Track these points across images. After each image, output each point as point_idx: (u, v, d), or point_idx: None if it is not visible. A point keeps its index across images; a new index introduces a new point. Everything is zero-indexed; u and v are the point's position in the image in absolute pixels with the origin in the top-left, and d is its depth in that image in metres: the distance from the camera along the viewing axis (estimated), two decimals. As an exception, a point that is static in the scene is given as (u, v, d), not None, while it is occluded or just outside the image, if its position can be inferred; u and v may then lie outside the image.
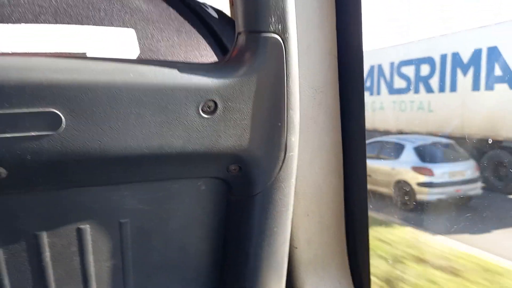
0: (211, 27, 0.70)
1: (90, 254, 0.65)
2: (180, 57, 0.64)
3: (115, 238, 0.66)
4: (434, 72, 6.59)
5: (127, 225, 0.66)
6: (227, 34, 0.71)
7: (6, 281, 0.61)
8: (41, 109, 0.50)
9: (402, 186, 5.18)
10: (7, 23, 0.54)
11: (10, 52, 0.53)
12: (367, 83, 8.39)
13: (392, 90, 7.83)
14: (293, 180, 0.72)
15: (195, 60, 0.66)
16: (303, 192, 1.09)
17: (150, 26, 0.62)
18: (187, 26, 0.67)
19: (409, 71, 7.41)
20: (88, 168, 0.57)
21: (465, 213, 4.59)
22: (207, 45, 0.67)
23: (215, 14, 0.74)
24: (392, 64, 7.74)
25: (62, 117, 0.51)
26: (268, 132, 0.65)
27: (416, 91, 7.05)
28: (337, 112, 1.10)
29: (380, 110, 8.07)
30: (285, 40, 0.60)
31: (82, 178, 0.59)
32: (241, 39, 0.60)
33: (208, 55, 0.67)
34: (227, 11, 0.81)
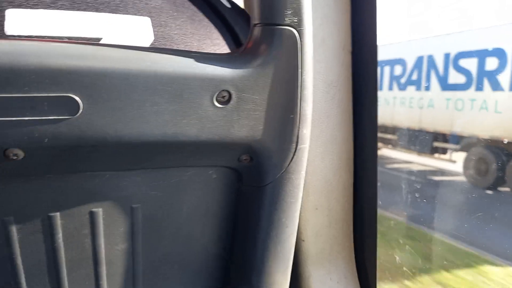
0: (223, 17, 0.71)
1: (101, 237, 0.66)
2: (193, 45, 0.65)
3: (126, 222, 0.67)
4: (505, 66, 5.57)
5: (139, 210, 0.67)
6: (239, 24, 0.72)
7: (19, 260, 0.62)
8: (59, 94, 0.51)
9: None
10: (25, 8, 0.55)
11: (28, 36, 0.55)
12: (413, 77, 7.70)
13: (447, 86, 6.94)
14: (303, 172, 0.72)
15: (208, 49, 0.67)
16: (313, 185, 1.09)
17: (164, 14, 0.63)
18: (200, 15, 0.68)
19: (470, 64, 6.34)
20: (103, 153, 0.58)
21: None
22: (220, 34, 0.68)
23: (227, 4, 0.75)
24: (447, 55, 6.77)
25: (80, 103, 0.52)
26: (281, 123, 0.65)
27: (479, 88, 6.10)
28: (349, 107, 1.10)
29: (429, 107, 7.29)
30: (300, 33, 0.61)
31: (96, 163, 0.60)
32: (257, 31, 0.61)
33: (220, 44, 0.68)
34: (239, 2, 0.81)
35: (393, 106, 8.69)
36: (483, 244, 3.78)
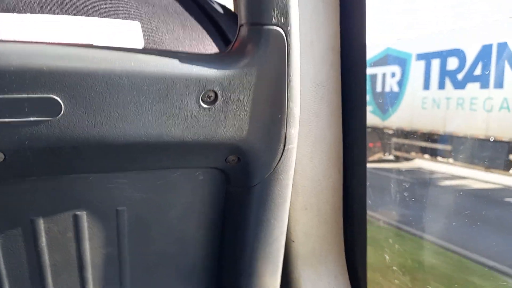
0: (216, 22, 0.71)
1: (86, 241, 0.65)
2: (185, 50, 0.64)
3: (111, 225, 0.66)
4: None
5: (124, 213, 0.66)
6: (232, 29, 0.72)
7: (2, 265, 0.61)
8: (40, 95, 0.50)
9: None
10: (12, 12, 0.54)
11: (11, 40, 0.54)
12: (476, 71, 6.10)
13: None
14: (291, 173, 0.72)
15: (198, 52, 0.66)
16: (302, 185, 1.09)
17: (155, 19, 0.63)
18: (192, 20, 0.67)
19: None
20: (86, 155, 0.58)
21: None
22: (212, 39, 0.68)
23: (220, 9, 0.75)
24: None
25: (62, 103, 0.51)
26: (268, 123, 0.65)
27: None
28: (338, 107, 1.11)
29: (503, 110, 5.66)
30: (287, 33, 0.60)
31: (79, 165, 0.59)
32: (243, 31, 0.60)
33: (212, 49, 0.67)
34: (231, 6, 0.81)
35: (445, 109, 6.90)
36: None
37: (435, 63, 7.14)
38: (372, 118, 8.54)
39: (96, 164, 0.60)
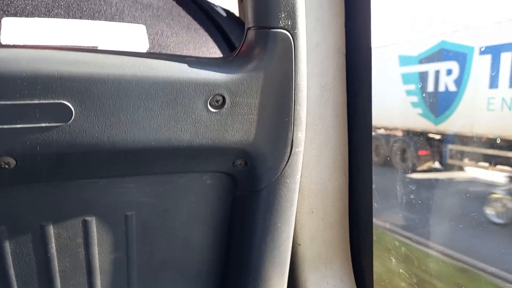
0: (219, 26, 0.71)
1: (95, 246, 0.65)
2: (189, 53, 0.64)
3: (120, 230, 0.66)
4: None
5: (133, 217, 0.66)
6: (235, 32, 0.72)
7: (12, 271, 0.61)
8: (51, 101, 0.50)
9: None
10: (20, 16, 0.54)
11: (21, 44, 0.54)
12: None
13: None
14: (298, 176, 0.72)
15: (205, 57, 0.66)
16: (308, 189, 1.09)
17: (160, 23, 0.63)
18: (196, 23, 0.67)
19: None
20: (96, 160, 0.58)
21: None
22: (216, 42, 0.68)
23: (224, 13, 0.75)
24: None
25: (72, 109, 0.51)
26: (275, 127, 0.65)
27: None
28: (344, 110, 1.10)
29: None
30: (294, 36, 0.60)
31: (89, 170, 0.59)
32: (251, 34, 0.60)
33: (217, 52, 0.67)
34: (235, 11, 0.81)
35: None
36: None
37: (506, 57, 5.97)
38: (422, 122, 7.51)
39: (105, 169, 0.60)
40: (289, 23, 0.59)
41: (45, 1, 0.56)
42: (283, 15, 0.58)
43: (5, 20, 0.54)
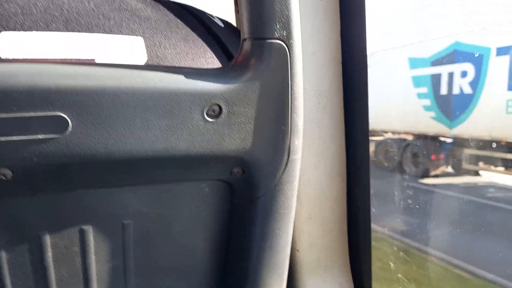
0: (217, 36, 0.72)
1: (92, 255, 0.66)
2: (187, 64, 0.65)
3: (117, 239, 0.67)
4: None
5: (130, 226, 0.67)
6: (232, 43, 0.73)
7: (8, 281, 0.62)
8: (48, 113, 0.51)
9: None
10: (20, 30, 0.55)
11: (20, 58, 0.55)
12: None
13: None
14: (296, 183, 0.73)
15: (202, 67, 0.67)
16: (306, 195, 1.09)
17: (158, 35, 0.64)
18: (194, 35, 0.68)
19: None
20: (93, 171, 0.58)
21: None
22: (213, 53, 0.69)
23: (221, 24, 0.76)
24: None
25: (69, 121, 0.52)
26: (272, 135, 0.66)
27: None
28: (341, 117, 1.11)
29: None
30: (289, 46, 0.61)
31: (86, 180, 0.60)
32: (247, 45, 0.61)
33: (214, 63, 0.68)
34: (232, 21, 0.82)
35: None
36: None
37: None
38: (435, 126, 7.27)
39: (102, 179, 0.61)
40: (284, 34, 0.60)
41: (44, 17, 0.57)
42: (278, 26, 0.60)
43: (3, 34, 0.55)
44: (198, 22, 0.72)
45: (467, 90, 7.06)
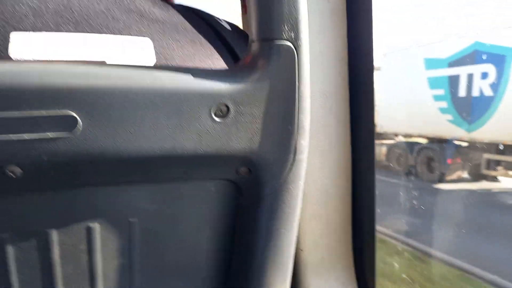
0: (224, 39, 0.72)
1: (98, 252, 0.66)
2: (194, 65, 0.66)
3: (123, 237, 0.67)
4: None
5: (136, 224, 0.67)
6: (239, 45, 0.73)
7: (14, 278, 0.62)
8: (58, 112, 0.52)
9: None
10: (30, 31, 0.56)
11: (31, 59, 0.56)
12: None
13: None
14: (301, 183, 0.73)
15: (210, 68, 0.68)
16: (311, 195, 1.10)
17: (166, 37, 0.65)
18: (202, 37, 0.69)
19: None
20: (102, 169, 0.59)
21: None
22: (221, 55, 0.69)
23: (228, 27, 0.77)
24: None
25: (79, 120, 0.53)
26: (279, 135, 0.66)
27: None
28: (347, 117, 1.12)
29: None
30: (297, 47, 0.62)
31: (94, 178, 0.60)
32: (255, 46, 0.62)
33: (221, 65, 0.69)
34: (239, 23, 0.83)
35: None
36: None
37: None
38: (452, 129, 7.04)
39: (110, 177, 0.61)
40: (292, 35, 0.61)
41: (55, 18, 0.58)
42: (286, 28, 0.60)
43: (14, 34, 0.55)
44: (206, 24, 0.73)
45: (488, 92, 6.83)
